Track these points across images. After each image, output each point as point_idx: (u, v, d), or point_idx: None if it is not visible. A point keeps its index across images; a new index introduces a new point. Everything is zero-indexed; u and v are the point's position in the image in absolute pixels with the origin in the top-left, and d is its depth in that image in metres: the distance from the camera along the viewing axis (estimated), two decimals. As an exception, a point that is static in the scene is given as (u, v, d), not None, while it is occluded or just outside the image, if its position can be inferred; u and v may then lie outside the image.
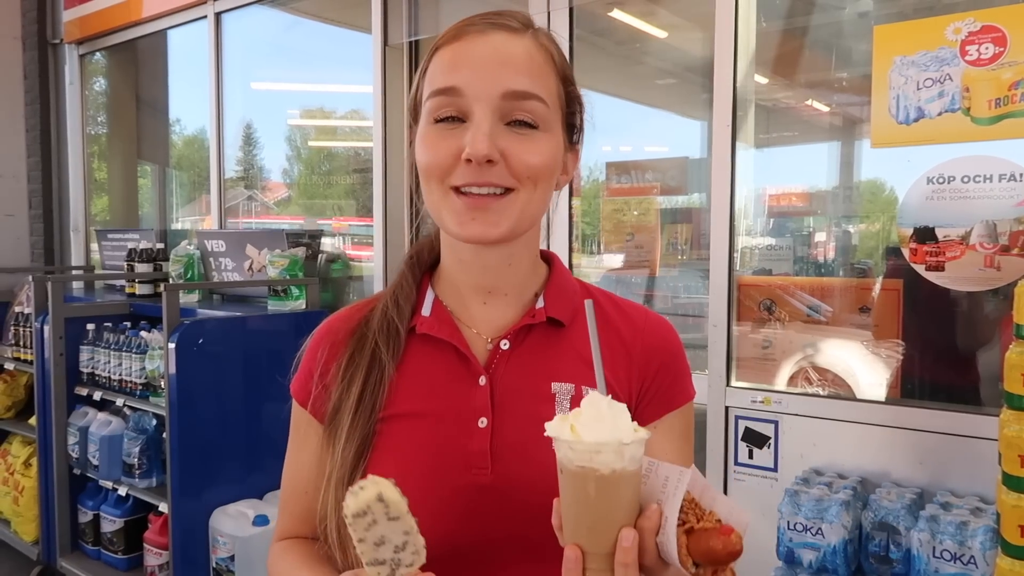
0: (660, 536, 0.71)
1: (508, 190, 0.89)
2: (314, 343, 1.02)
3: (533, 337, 0.97)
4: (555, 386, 0.94)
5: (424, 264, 1.04)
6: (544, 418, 0.91)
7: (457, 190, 0.89)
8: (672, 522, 0.70)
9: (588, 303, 0.81)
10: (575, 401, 0.93)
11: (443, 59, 0.90)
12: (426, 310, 0.98)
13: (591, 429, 0.71)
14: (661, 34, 3.23)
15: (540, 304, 0.98)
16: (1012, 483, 1.45)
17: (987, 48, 1.87)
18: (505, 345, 0.96)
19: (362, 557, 0.76)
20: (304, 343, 1.04)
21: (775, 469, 2.21)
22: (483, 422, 0.92)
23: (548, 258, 1.05)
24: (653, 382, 0.98)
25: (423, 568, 0.78)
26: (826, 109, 2.56)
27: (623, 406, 0.73)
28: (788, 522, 1.88)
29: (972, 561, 1.65)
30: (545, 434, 0.73)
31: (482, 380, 0.94)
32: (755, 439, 2.24)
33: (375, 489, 0.74)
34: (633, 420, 0.97)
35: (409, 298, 0.99)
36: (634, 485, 0.73)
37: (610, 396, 0.75)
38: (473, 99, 0.87)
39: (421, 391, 0.95)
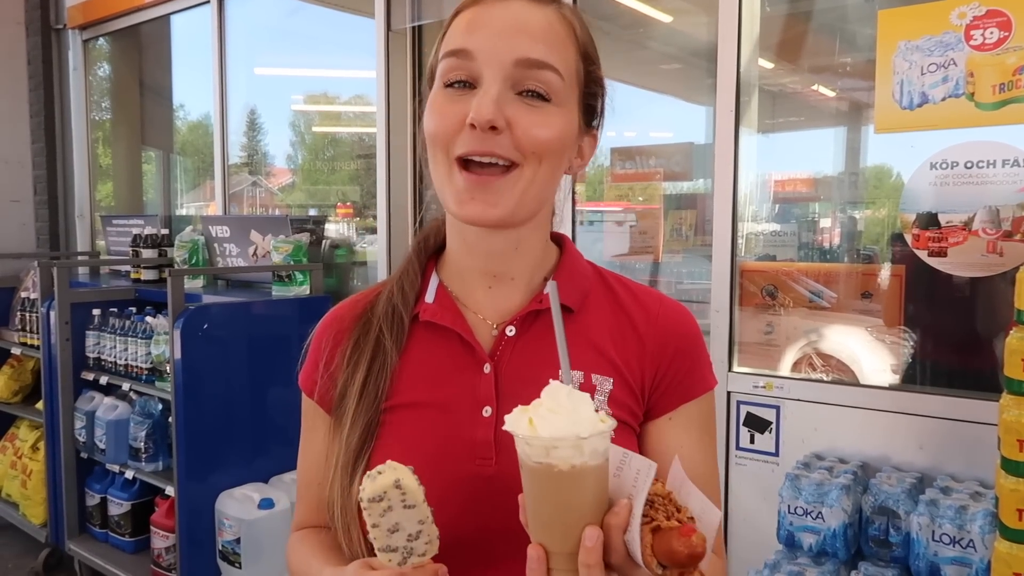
0: (627, 534, 0.67)
1: (512, 165, 0.85)
2: (319, 333, 1.01)
3: (540, 323, 0.94)
4: (560, 374, 0.92)
5: (430, 249, 1.01)
6: None
7: (461, 163, 0.85)
8: (636, 519, 0.66)
9: (551, 284, 0.79)
10: (583, 389, 0.89)
11: (461, 22, 0.88)
12: (430, 296, 0.96)
13: (547, 422, 0.67)
14: (666, 19, 3.21)
15: (547, 289, 0.94)
16: (1010, 467, 1.45)
17: (992, 33, 1.86)
18: (511, 331, 0.93)
19: (375, 543, 0.75)
20: (311, 333, 1.03)
21: (776, 454, 2.22)
22: (487, 411, 0.90)
23: (559, 240, 1.02)
24: (668, 371, 0.94)
25: (435, 559, 0.78)
26: (831, 94, 2.55)
27: (586, 396, 0.69)
28: (789, 506, 1.89)
29: (971, 545, 1.66)
30: (502, 427, 0.70)
31: (487, 368, 0.91)
32: (756, 424, 2.25)
33: (393, 475, 0.73)
34: (647, 412, 0.94)
35: (414, 284, 0.97)
36: (598, 480, 0.68)
37: (572, 386, 0.70)
38: (484, 64, 0.84)
39: (425, 380, 0.93)
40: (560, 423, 0.67)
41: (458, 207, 0.86)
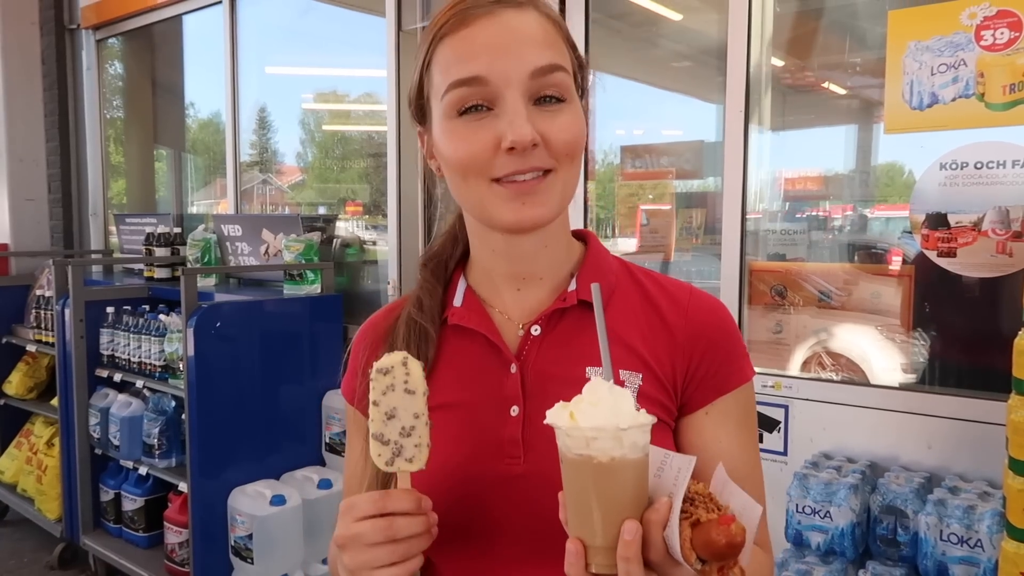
0: (667, 530, 0.67)
1: (547, 171, 0.86)
2: (357, 341, 1.04)
3: (566, 321, 0.94)
4: (590, 370, 0.91)
5: (455, 259, 1.02)
6: None
7: (498, 180, 0.86)
8: (675, 514, 0.67)
9: (595, 286, 0.79)
10: None
11: (455, 48, 0.86)
12: (458, 300, 0.98)
13: (588, 415, 0.68)
14: (676, 16, 3.21)
15: (572, 287, 0.95)
16: (1018, 468, 1.46)
17: (1002, 33, 1.85)
18: (536, 331, 0.94)
19: (371, 426, 0.79)
20: (350, 342, 1.06)
21: (785, 453, 2.23)
22: (515, 410, 0.90)
23: (584, 237, 1.02)
24: (701, 364, 0.93)
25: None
26: (842, 92, 2.55)
27: (627, 391, 0.71)
28: (797, 505, 1.90)
29: (979, 544, 1.67)
30: (544, 422, 0.71)
31: (513, 368, 0.92)
32: (765, 423, 2.26)
33: (403, 355, 0.78)
34: (682, 406, 0.94)
35: (434, 295, 0.98)
36: (637, 475, 0.69)
37: (612, 383, 0.72)
38: (502, 85, 0.84)
39: (454, 382, 0.94)
40: (601, 415, 0.68)
41: (512, 215, 0.87)
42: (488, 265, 0.98)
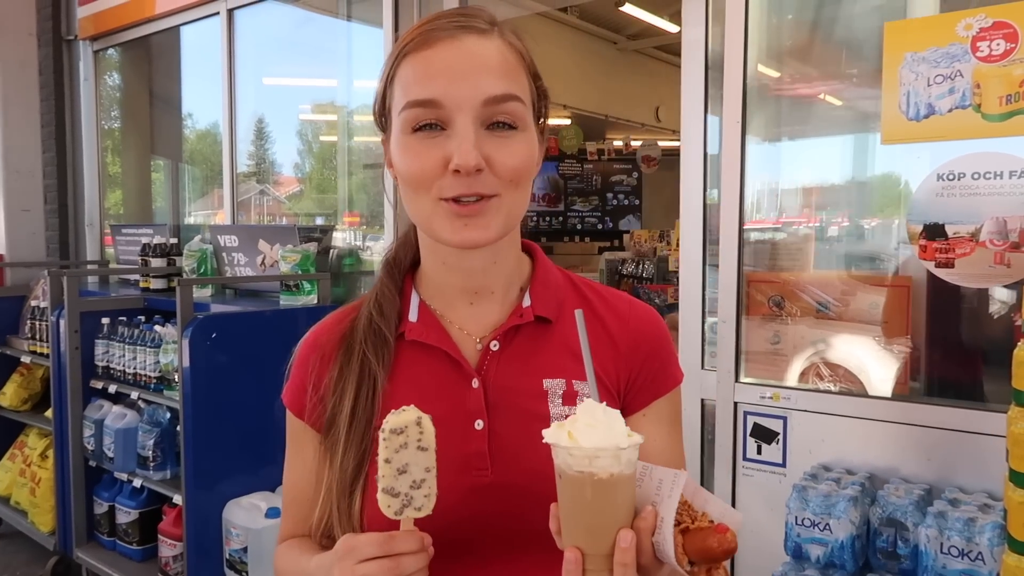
0: (656, 536, 0.74)
1: (493, 194, 0.89)
2: (303, 354, 1.04)
3: (522, 336, 0.98)
4: (546, 383, 0.96)
5: (405, 267, 1.05)
6: (538, 415, 0.94)
7: (445, 199, 0.89)
8: (668, 522, 0.74)
9: (579, 313, 0.82)
10: (566, 396, 0.96)
11: (415, 68, 0.89)
12: (412, 315, 0.99)
13: (588, 435, 0.74)
14: (673, 28, 3.23)
15: (527, 303, 0.99)
16: (1019, 480, 1.45)
17: (998, 44, 1.86)
18: (495, 346, 0.97)
19: (380, 481, 0.81)
20: (292, 354, 1.06)
21: (783, 465, 2.22)
22: (479, 424, 0.93)
23: (530, 250, 1.06)
24: (641, 371, 1.00)
25: (425, 525, 0.82)
26: (838, 103, 2.55)
27: (617, 412, 0.76)
28: (796, 517, 1.89)
29: (980, 557, 1.65)
30: (543, 440, 0.76)
31: (475, 383, 0.95)
32: (764, 435, 2.25)
33: (416, 414, 0.80)
34: (622, 410, 0.99)
35: (393, 303, 1.00)
36: (630, 488, 0.76)
37: (604, 403, 0.77)
38: (454, 109, 0.87)
39: (415, 397, 0.94)
40: (599, 436, 0.74)
41: (454, 235, 0.89)
42: (441, 279, 1.00)
